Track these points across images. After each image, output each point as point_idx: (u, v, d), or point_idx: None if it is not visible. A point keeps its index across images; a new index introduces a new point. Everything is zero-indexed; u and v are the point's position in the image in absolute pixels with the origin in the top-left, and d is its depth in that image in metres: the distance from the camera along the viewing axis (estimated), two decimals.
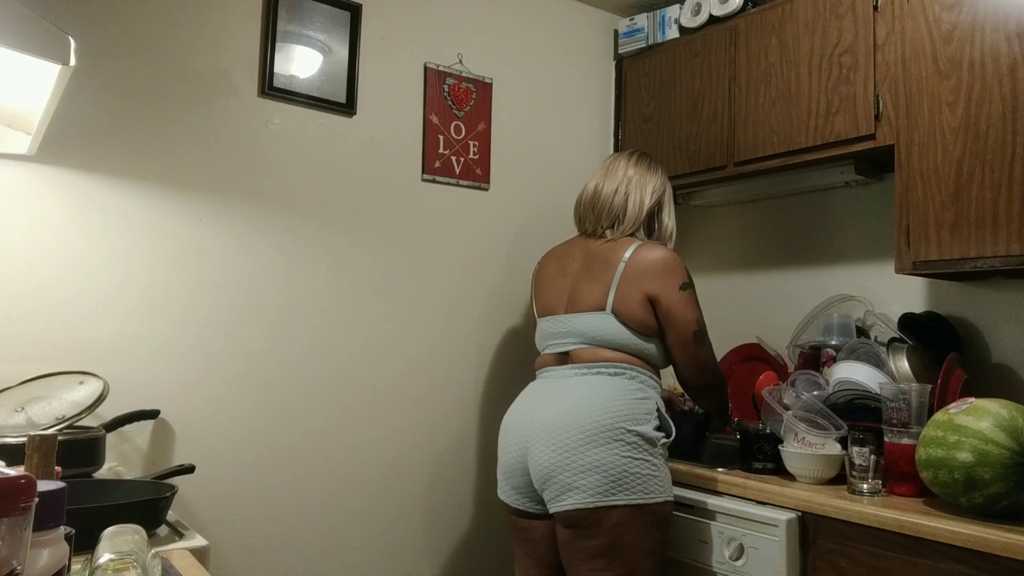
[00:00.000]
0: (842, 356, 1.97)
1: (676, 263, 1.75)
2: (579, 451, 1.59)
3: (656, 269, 1.72)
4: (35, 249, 1.68)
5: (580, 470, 1.59)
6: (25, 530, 0.56)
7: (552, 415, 1.66)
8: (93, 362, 1.71)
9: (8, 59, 1.15)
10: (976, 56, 1.65)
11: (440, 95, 2.29)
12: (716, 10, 2.33)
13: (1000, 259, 1.60)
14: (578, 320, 1.77)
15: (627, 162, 1.88)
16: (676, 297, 1.72)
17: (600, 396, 1.65)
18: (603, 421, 1.61)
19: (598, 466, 1.58)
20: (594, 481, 1.58)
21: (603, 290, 1.74)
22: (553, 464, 1.61)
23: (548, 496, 1.64)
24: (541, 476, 1.64)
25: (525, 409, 1.75)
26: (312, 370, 2.03)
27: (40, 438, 0.95)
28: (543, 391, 1.76)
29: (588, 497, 1.57)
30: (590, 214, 1.87)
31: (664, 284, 1.71)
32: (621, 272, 1.73)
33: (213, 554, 1.30)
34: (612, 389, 1.67)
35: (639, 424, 1.63)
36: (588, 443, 1.59)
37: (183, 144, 1.86)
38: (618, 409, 1.63)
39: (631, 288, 1.72)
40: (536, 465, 1.65)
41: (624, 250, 1.75)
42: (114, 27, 1.77)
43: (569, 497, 1.59)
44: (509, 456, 1.74)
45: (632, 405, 1.65)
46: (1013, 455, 1.37)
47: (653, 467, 1.62)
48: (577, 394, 1.68)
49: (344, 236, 2.10)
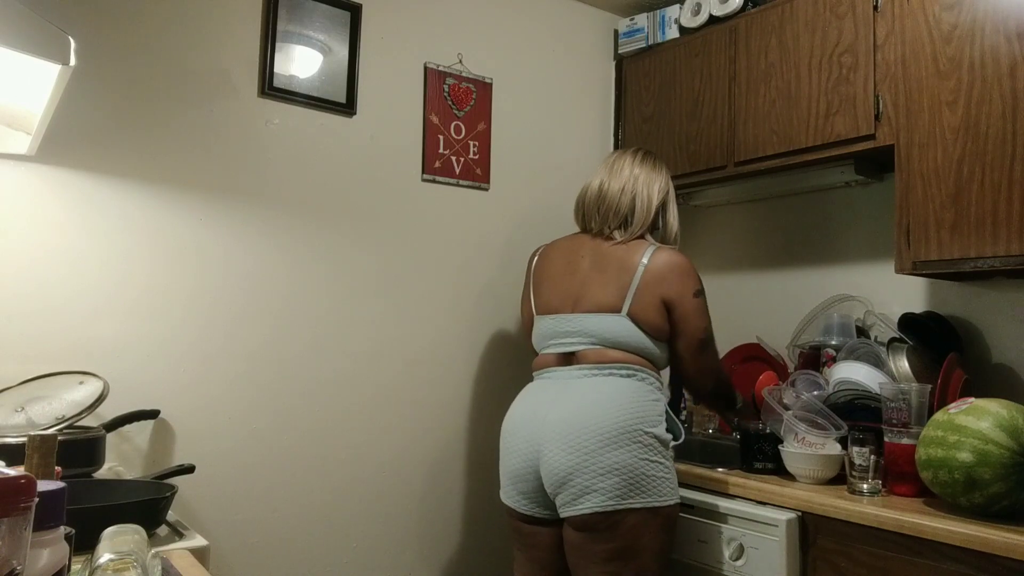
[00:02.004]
0: (842, 356, 1.97)
1: (692, 269, 1.76)
2: (597, 453, 1.56)
3: (674, 275, 1.72)
4: (35, 249, 1.68)
5: (599, 472, 1.56)
6: (25, 530, 0.56)
7: (566, 416, 1.62)
8: (93, 362, 1.71)
9: (8, 59, 1.15)
10: (976, 56, 1.65)
11: (440, 95, 2.29)
12: (716, 10, 2.33)
13: (1000, 259, 1.60)
14: (589, 320, 1.73)
15: (632, 160, 1.86)
16: (691, 304, 1.72)
17: (616, 397, 1.63)
18: (621, 423, 1.59)
19: (617, 468, 1.56)
20: (613, 484, 1.55)
21: (619, 292, 1.72)
22: (570, 466, 1.57)
23: (563, 500, 1.60)
24: (556, 479, 1.60)
25: (533, 411, 1.70)
26: (312, 370, 2.03)
27: (40, 438, 0.95)
28: (551, 393, 1.71)
29: (607, 500, 1.55)
30: (595, 214, 1.84)
31: (681, 290, 1.72)
32: (640, 276, 1.72)
33: (213, 554, 1.31)
34: (627, 390, 1.65)
35: (654, 426, 1.62)
36: (607, 445, 1.57)
37: (183, 144, 1.86)
38: (635, 410, 1.61)
39: (648, 293, 1.71)
40: (550, 468, 1.61)
41: (641, 254, 1.74)
42: (114, 27, 1.78)
43: (587, 500, 1.56)
44: (517, 459, 1.69)
45: (647, 407, 1.64)
46: (1013, 455, 1.37)
47: (666, 469, 1.62)
48: (591, 395, 1.64)
49: (344, 236, 2.10)
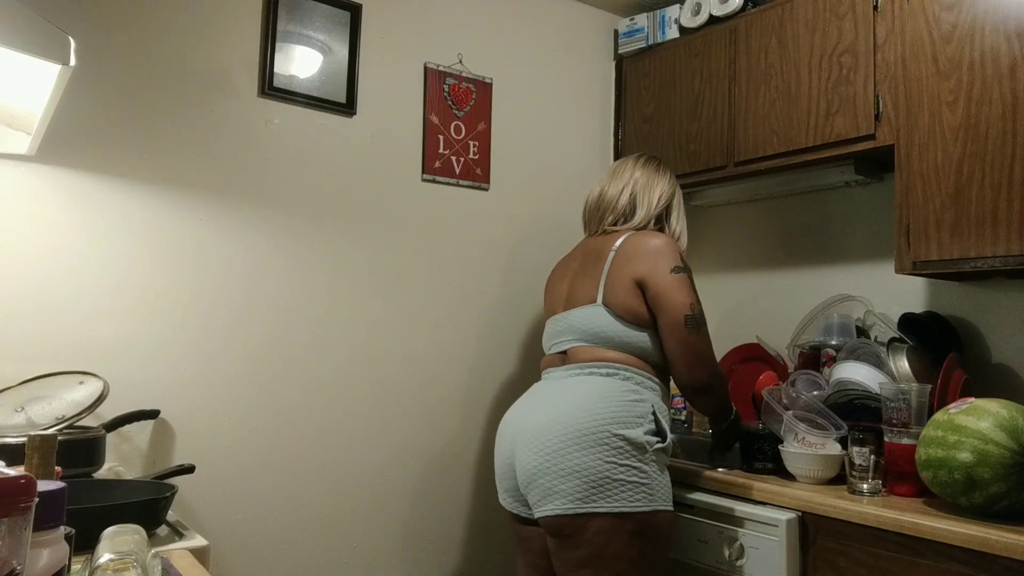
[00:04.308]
0: (842, 356, 1.96)
1: (669, 247, 1.66)
2: (560, 454, 1.53)
3: (645, 253, 1.65)
4: (35, 249, 1.68)
5: (560, 474, 1.52)
6: (25, 530, 0.56)
7: (541, 417, 1.60)
8: (93, 362, 1.71)
9: (8, 59, 1.15)
10: (976, 56, 1.65)
11: (440, 95, 2.29)
12: (716, 10, 2.33)
13: (1000, 259, 1.60)
14: (572, 316, 1.73)
15: (634, 164, 1.85)
16: (667, 280, 1.62)
17: (588, 397, 1.58)
18: (587, 424, 1.53)
19: (578, 471, 1.51)
20: (573, 486, 1.50)
21: (594, 282, 1.70)
22: (534, 467, 1.56)
23: (532, 500, 1.59)
24: (524, 478, 1.59)
25: (518, 411, 1.71)
26: (312, 370, 2.03)
27: (40, 438, 0.95)
28: (539, 393, 1.72)
29: (568, 503, 1.51)
30: (595, 216, 1.85)
31: (653, 266, 1.63)
32: (611, 260, 1.68)
33: (213, 554, 1.31)
34: (601, 390, 1.59)
35: (627, 428, 1.54)
36: (570, 446, 1.52)
37: (183, 144, 1.86)
38: (606, 411, 1.55)
39: (619, 274, 1.66)
40: (520, 467, 1.61)
41: (616, 240, 1.71)
42: (114, 27, 1.78)
43: (549, 502, 1.53)
44: (500, 458, 1.72)
45: (622, 407, 1.57)
46: (1013, 455, 1.37)
47: (641, 474, 1.53)
48: (567, 396, 1.62)
49: (344, 236, 2.10)
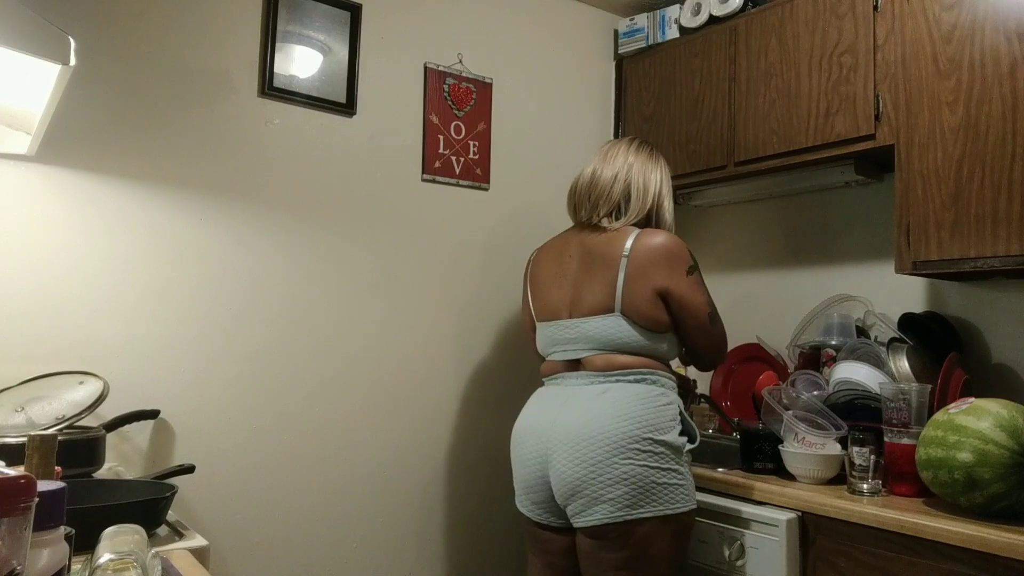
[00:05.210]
0: (842, 356, 1.96)
1: (679, 247, 1.66)
2: (605, 464, 1.54)
3: (661, 259, 1.64)
4: (35, 249, 1.68)
5: (607, 483, 1.53)
6: (25, 530, 0.56)
7: (573, 426, 1.59)
8: (93, 362, 1.71)
9: (8, 59, 1.15)
10: (976, 56, 1.65)
11: (440, 95, 2.29)
12: (716, 10, 2.33)
13: (1000, 259, 1.60)
14: (587, 325, 1.68)
15: (627, 148, 1.78)
16: (685, 285, 1.65)
17: (623, 406, 1.58)
18: (628, 432, 1.55)
19: (625, 479, 1.53)
20: (621, 494, 1.53)
21: (607, 290, 1.65)
22: (579, 478, 1.55)
23: (573, 510, 1.58)
24: (566, 491, 1.58)
25: (541, 418, 1.67)
26: (312, 370, 2.03)
27: (40, 438, 0.95)
28: (559, 400, 1.67)
29: (616, 510, 1.53)
30: (586, 201, 1.76)
31: (672, 274, 1.64)
32: (625, 267, 1.65)
33: (213, 554, 1.31)
34: (635, 398, 1.60)
35: (664, 433, 1.58)
36: (614, 455, 1.54)
37: (183, 144, 1.86)
38: (643, 419, 1.57)
39: (638, 285, 1.63)
40: (560, 479, 1.59)
41: (623, 242, 1.66)
42: (114, 27, 1.78)
43: (597, 511, 1.54)
44: (527, 469, 1.67)
45: (656, 413, 1.59)
46: (1013, 455, 1.37)
47: (679, 476, 1.57)
48: (598, 404, 1.60)
49: (344, 236, 2.10)
